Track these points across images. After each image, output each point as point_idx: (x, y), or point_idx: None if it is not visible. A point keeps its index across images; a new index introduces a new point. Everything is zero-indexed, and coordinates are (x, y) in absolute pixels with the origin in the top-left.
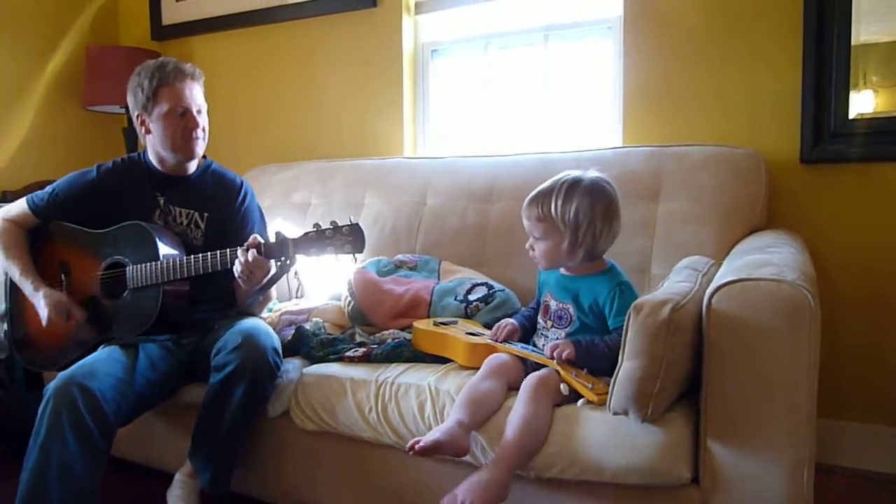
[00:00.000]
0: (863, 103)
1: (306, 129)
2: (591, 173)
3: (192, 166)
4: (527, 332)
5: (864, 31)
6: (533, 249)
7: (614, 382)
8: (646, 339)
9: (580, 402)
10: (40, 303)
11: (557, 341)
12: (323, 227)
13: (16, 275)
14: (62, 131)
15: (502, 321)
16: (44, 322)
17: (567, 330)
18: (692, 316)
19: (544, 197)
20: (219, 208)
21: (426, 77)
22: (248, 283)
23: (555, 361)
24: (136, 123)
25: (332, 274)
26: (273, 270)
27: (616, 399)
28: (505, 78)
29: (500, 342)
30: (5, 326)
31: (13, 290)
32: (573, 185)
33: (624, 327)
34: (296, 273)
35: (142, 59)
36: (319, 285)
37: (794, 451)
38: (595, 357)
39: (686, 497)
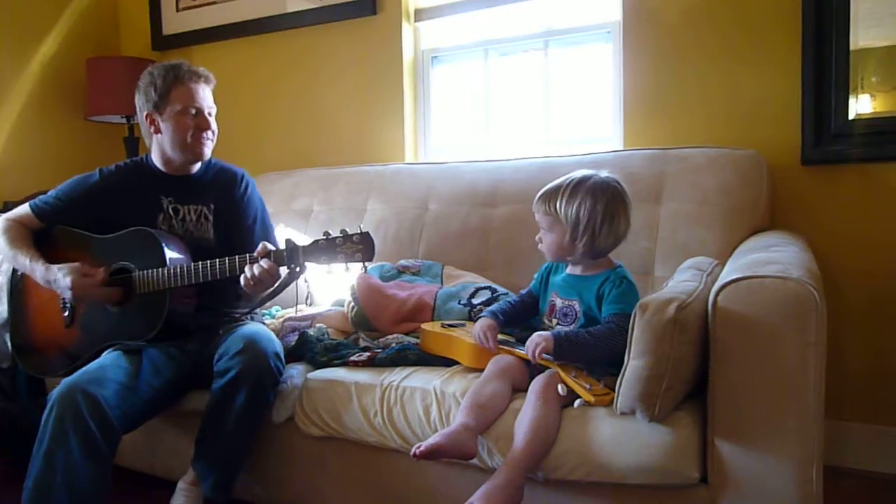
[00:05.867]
0: (862, 105)
1: (307, 137)
2: (603, 173)
3: (197, 166)
4: (512, 319)
5: (863, 35)
6: (541, 241)
7: (621, 382)
8: (652, 338)
9: (577, 402)
10: (58, 275)
11: (537, 334)
12: (333, 235)
13: (26, 262)
14: (63, 141)
15: (477, 325)
16: (68, 292)
17: (573, 326)
18: (698, 314)
19: (553, 193)
20: (223, 199)
21: (427, 84)
22: (254, 291)
23: (532, 359)
24: (145, 123)
25: (336, 280)
26: (282, 278)
27: (623, 399)
28: (505, 84)
29: (506, 340)
30: (7, 335)
31: (14, 296)
32: (579, 184)
33: (630, 326)
34: (305, 280)
35: (142, 69)
36: (323, 291)
37: (803, 449)
38: (578, 347)
39: (695, 497)
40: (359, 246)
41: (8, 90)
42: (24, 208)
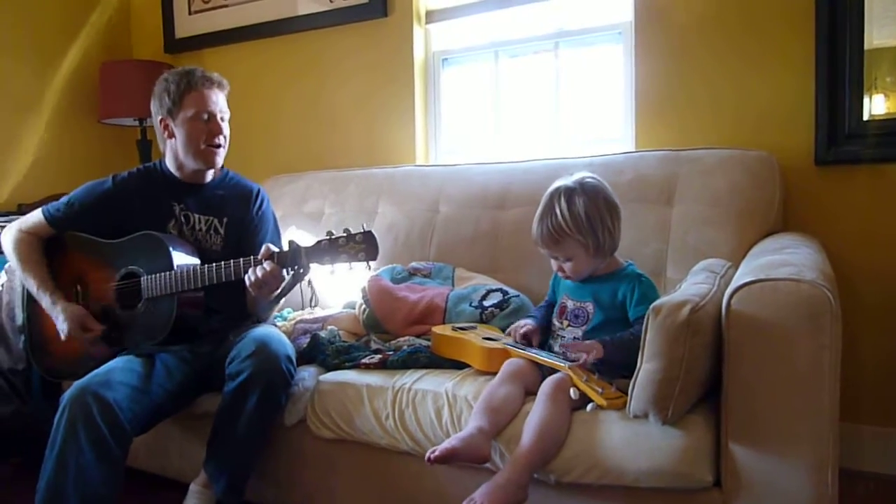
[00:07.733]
0: (876, 106)
1: (319, 139)
2: (575, 176)
3: (210, 175)
4: (543, 332)
5: (877, 34)
6: (563, 271)
7: (633, 385)
8: (665, 341)
9: (590, 406)
10: (59, 317)
11: (577, 341)
12: (336, 235)
13: (33, 287)
14: (77, 145)
15: (519, 322)
16: (63, 335)
17: (584, 328)
18: (711, 317)
19: (549, 215)
20: (236, 214)
21: (437, 86)
22: (260, 293)
23: (568, 365)
24: (159, 128)
25: (346, 282)
26: (286, 280)
27: (636, 401)
28: (516, 85)
29: (518, 343)
30: (23, 337)
31: (30, 300)
32: (569, 192)
33: (643, 328)
34: (309, 282)
35: (155, 72)
36: (333, 294)
37: (818, 452)
38: (623, 350)
39: (708, 501)
40: (362, 245)
41: (22, 94)
42: (36, 215)
